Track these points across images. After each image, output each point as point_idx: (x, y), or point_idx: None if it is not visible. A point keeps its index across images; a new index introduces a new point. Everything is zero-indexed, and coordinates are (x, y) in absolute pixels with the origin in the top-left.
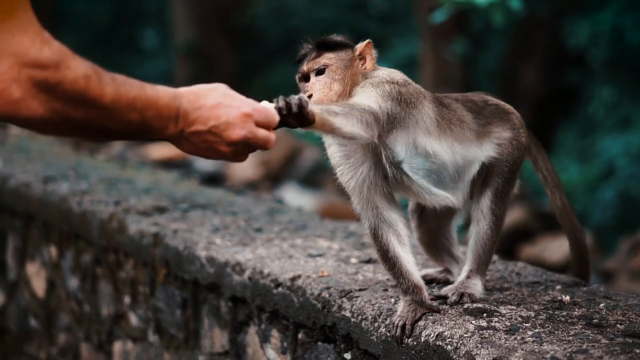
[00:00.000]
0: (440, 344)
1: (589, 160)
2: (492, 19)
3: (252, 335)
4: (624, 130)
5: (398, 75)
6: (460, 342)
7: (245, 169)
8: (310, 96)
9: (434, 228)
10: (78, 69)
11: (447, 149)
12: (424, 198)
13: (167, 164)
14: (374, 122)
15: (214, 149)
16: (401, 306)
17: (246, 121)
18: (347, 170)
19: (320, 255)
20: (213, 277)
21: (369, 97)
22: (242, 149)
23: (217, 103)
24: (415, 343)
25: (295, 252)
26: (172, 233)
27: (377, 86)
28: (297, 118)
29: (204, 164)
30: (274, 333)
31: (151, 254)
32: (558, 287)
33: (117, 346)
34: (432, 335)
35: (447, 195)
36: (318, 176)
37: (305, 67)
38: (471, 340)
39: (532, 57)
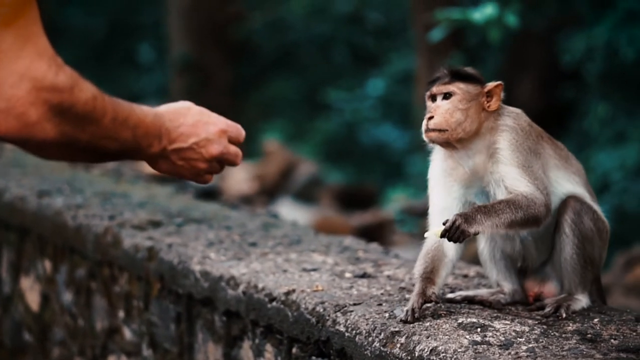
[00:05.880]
0: (434, 358)
1: None
2: (488, 36)
3: (246, 350)
4: (618, 145)
5: (523, 120)
6: (454, 357)
7: (240, 183)
8: (431, 118)
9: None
10: (88, 91)
11: (566, 182)
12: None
13: (162, 178)
14: (547, 213)
15: (192, 166)
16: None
17: (222, 137)
18: (442, 184)
19: (314, 270)
20: (207, 291)
21: (527, 180)
22: (216, 165)
23: (197, 121)
24: (409, 358)
25: (289, 267)
26: (166, 247)
27: (519, 150)
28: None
29: None
30: (268, 347)
31: (145, 268)
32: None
33: None
34: (426, 350)
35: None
36: (313, 190)
37: (435, 89)
38: (465, 355)
39: (528, 72)
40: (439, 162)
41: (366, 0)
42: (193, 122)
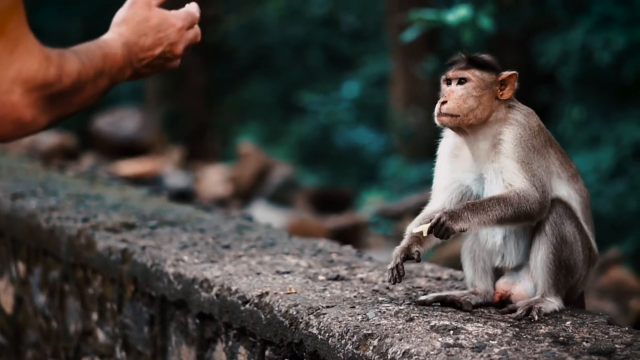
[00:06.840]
0: None
1: None
2: (462, 37)
3: (219, 352)
4: (593, 148)
5: (534, 120)
6: (427, 359)
7: (215, 185)
8: (444, 102)
9: None
10: (73, 71)
11: (564, 192)
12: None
13: (136, 181)
14: (541, 211)
15: (164, 67)
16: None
17: (183, 34)
18: (447, 163)
19: (288, 273)
20: (181, 293)
21: (524, 175)
22: (180, 54)
23: (157, 32)
24: None
25: (263, 269)
26: (140, 249)
27: (521, 146)
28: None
29: (174, 181)
30: (242, 350)
31: (119, 270)
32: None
33: None
34: (398, 353)
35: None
36: (288, 193)
37: (451, 73)
38: (438, 358)
39: None
40: (448, 140)
41: (341, 3)
42: (154, 33)
